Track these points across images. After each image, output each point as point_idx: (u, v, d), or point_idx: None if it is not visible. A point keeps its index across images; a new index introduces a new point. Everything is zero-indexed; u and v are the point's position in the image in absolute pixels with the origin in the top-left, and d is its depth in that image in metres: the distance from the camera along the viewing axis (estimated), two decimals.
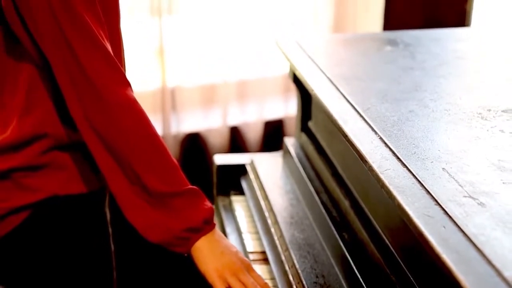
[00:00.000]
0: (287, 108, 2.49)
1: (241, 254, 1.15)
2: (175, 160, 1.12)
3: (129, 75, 2.19)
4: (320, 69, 1.41)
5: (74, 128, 1.11)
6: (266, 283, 1.14)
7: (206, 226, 1.11)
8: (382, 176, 0.98)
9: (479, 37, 1.75)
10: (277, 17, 2.37)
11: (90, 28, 1.04)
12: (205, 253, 1.10)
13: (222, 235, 1.16)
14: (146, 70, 2.31)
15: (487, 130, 1.12)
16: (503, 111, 1.20)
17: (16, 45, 1.09)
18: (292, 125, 2.33)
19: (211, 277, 1.09)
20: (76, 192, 1.17)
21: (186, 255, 1.12)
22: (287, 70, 1.65)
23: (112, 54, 1.08)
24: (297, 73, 1.46)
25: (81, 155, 1.16)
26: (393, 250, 1.06)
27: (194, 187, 1.13)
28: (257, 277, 1.13)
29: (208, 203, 1.13)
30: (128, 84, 1.09)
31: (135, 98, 1.09)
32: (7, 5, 1.04)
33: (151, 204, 1.08)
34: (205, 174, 2.26)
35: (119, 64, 1.09)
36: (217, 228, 1.15)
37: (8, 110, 1.14)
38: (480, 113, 1.19)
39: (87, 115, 1.05)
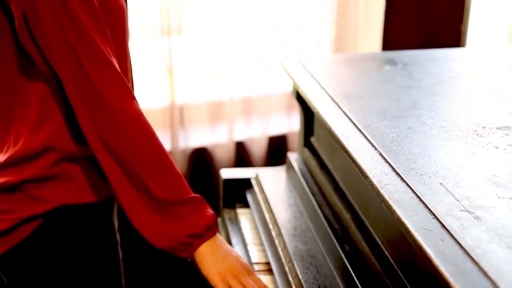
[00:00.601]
0: (290, 124, 2.49)
1: (242, 259, 1.16)
2: (178, 170, 1.13)
3: (140, 92, 2.22)
4: (322, 88, 1.41)
5: (83, 142, 1.11)
6: (265, 286, 1.15)
7: (208, 232, 1.12)
8: (382, 191, 0.98)
9: (474, 57, 1.75)
10: (280, 37, 2.38)
11: (99, 47, 1.06)
12: (208, 257, 1.12)
13: (224, 240, 1.17)
14: (156, 88, 2.31)
15: (482, 147, 1.12)
16: (497, 128, 1.20)
17: (29, 63, 1.10)
18: (296, 141, 2.33)
19: (214, 280, 1.11)
20: (85, 202, 1.18)
21: (189, 259, 1.13)
22: (290, 88, 1.65)
23: (119, 70, 1.09)
24: (300, 91, 1.46)
25: (90, 166, 1.17)
26: (393, 262, 1.06)
27: (196, 195, 1.14)
28: (257, 280, 1.14)
29: (210, 210, 1.15)
30: (134, 98, 1.10)
31: (141, 111, 1.10)
32: (20, 27, 1.05)
33: (157, 212, 1.10)
34: (211, 187, 2.26)
35: (125, 79, 1.10)
36: (219, 234, 1.16)
37: (20, 125, 1.15)
38: (475, 130, 1.19)
39: (97, 128, 1.07)
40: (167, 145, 2.31)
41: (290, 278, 1.21)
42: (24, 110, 1.14)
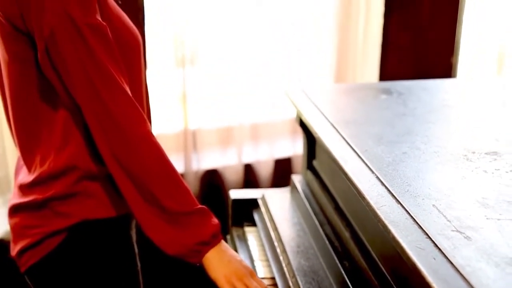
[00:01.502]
0: (294, 147, 2.49)
1: (245, 262, 1.18)
2: (186, 184, 1.15)
3: (156, 118, 2.22)
4: (323, 115, 1.41)
5: (101, 161, 1.12)
6: (266, 286, 1.17)
7: (214, 239, 1.14)
8: (378, 212, 0.97)
9: (464, 88, 1.74)
10: (285, 68, 2.39)
11: (114, 77, 1.07)
12: (215, 262, 1.14)
13: (228, 246, 1.18)
14: (170, 114, 2.32)
15: (472, 171, 1.11)
16: (486, 153, 1.19)
17: (52, 91, 1.11)
18: (300, 163, 2.33)
19: (221, 282, 1.13)
20: (105, 217, 1.19)
21: (198, 264, 1.15)
22: (294, 115, 1.65)
23: (132, 97, 1.10)
24: (303, 119, 1.46)
25: (109, 183, 1.17)
26: (389, 278, 1.05)
27: (203, 206, 1.15)
28: (259, 282, 1.16)
29: (215, 220, 1.16)
30: (145, 121, 1.11)
31: (151, 133, 1.12)
32: (42, 58, 1.06)
33: (168, 222, 1.11)
34: (221, 206, 2.25)
35: (138, 105, 1.11)
36: (223, 241, 1.17)
37: (46, 147, 1.16)
38: (465, 155, 1.18)
39: (112, 149, 1.08)
40: (181, 167, 2.31)
41: None
42: (49, 134, 1.15)
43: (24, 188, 1.19)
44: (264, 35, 2.33)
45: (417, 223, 0.92)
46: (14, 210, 1.21)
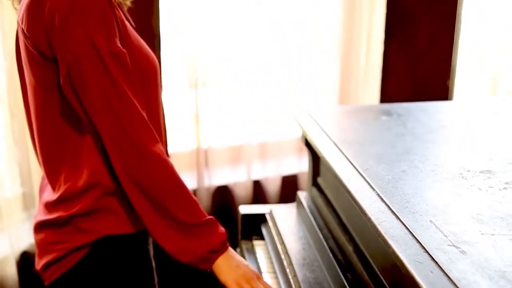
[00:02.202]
0: (300, 165, 2.49)
1: (251, 267, 1.19)
2: (194, 197, 1.16)
3: (171, 137, 2.24)
4: (327, 135, 1.41)
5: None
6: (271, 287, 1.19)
7: (223, 247, 1.16)
8: (379, 227, 0.97)
9: (460, 109, 1.74)
10: (292, 90, 2.39)
11: (131, 101, 1.08)
12: (224, 267, 1.15)
13: (234, 252, 1.20)
14: (184, 133, 2.32)
15: (467, 188, 1.11)
16: (480, 172, 1.19)
17: (74, 115, 1.12)
18: (305, 180, 2.33)
19: (231, 285, 1.15)
20: (125, 232, 1.19)
21: (208, 270, 1.16)
22: (300, 134, 1.66)
23: (147, 119, 1.11)
24: (308, 138, 1.47)
25: (128, 201, 1.18)
26: None
27: (211, 217, 1.16)
28: (265, 284, 1.18)
29: (222, 229, 1.18)
30: (158, 141, 1.12)
31: (163, 151, 1.13)
32: (64, 81, 1.07)
33: (181, 233, 1.12)
34: (232, 221, 2.25)
35: (151, 126, 1.12)
36: (230, 248, 1.19)
37: (69, 166, 1.17)
38: (461, 173, 1.18)
39: (127, 168, 1.09)
40: (193, 183, 2.31)
41: None
42: (72, 154, 1.16)
43: (49, 206, 1.20)
44: (272, 60, 2.34)
45: (415, 238, 0.92)
46: (40, 227, 1.22)
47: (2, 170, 1.87)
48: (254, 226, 1.64)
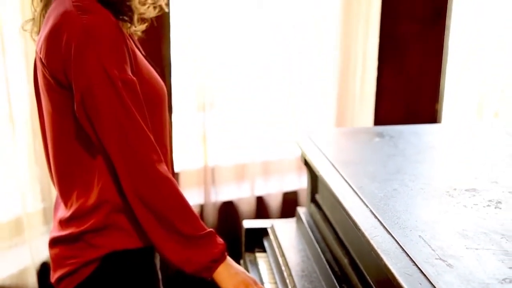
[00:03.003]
0: (300, 182, 2.48)
1: (248, 273, 1.19)
2: (195, 211, 1.15)
3: (179, 156, 2.24)
4: (325, 155, 1.42)
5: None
6: None
7: (223, 256, 1.16)
8: (372, 242, 0.98)
9: (447, 132, 1.75)
10: (293, 113, 2.40)
11: (141, 124, 1.08)
12: (224, 275, 1.16)
13: (232, 260, 1.19)
14: (193, 153, 2.33)
15: (454, 205, 1.12)
16: (465, 190, 1.20)
17: (87, 138, 1.12)
18: (305, 196, 2.32)
19: None
20: (133, 247, 1.18)
21: (210, 278, 1.16)
22: (299, 153, 1.66)
23: (154, 139, 1.11)
24: (307, 159, 1.47)
25: (135, 218, 1.17)
26: None
27: (211, 229, 1.16)
28: None
29: (220, 240, 1.18)
30: (162, 161, 1.12)
31: (167, 170, 1.13)
32: (78, 108, 1.07)
33: (184, 246, 1.12)
34: (236, 234, 2.24)
35: (157, 147, 1.11)
36: (228, 257, 1.19)
37: (80, 185, 1.16)
38: (448, 192, 1.19)
39: (135, 187, 1.08)
40: (201, 199, 2.31)
41: None
42: (84, 174, 1.16)
43: (62, 223, 1.19)
44: (275, 86, 2.35)
45: (405, 252, 0.93)
46: (54, 243, 1.21)
47: (25, 186, 1.88)
48: (257, 240, 1.64)
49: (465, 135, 1.67)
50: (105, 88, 1.04)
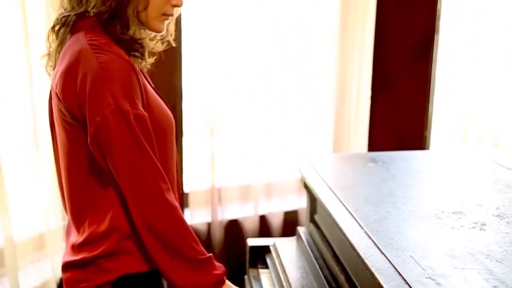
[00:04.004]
0: (300, 202, 2.47)
1: None
2: (196, 237, 1.13)
3: (188, 177, 2.23)
4: (323, 179, 1.42)
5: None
6: None
7: (223, 277, 1.14)
8: (366, 261, 0.98)
9: (435, 158, 1.75)
10: (294, 139, 2.41)
11: (151, 156, 1.06)
12: None
13: (229, 282, 1.17)
14: (201, 174, 2.32)
15: (442, 227, 1.12)
16: (452, 213, 1.20)
17: (99, 169, 1.10)
18: (305, 215, 2.31)
19: None
20: (141, 271, 1.15)
21: None
22: (300, 175, 1.65)
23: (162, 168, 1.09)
24: (307, 182, 1.47)
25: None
26: None
27: (210, 254, 1.14)
28: None
29: (218, 263, 1.15)
30: (169, 189, 1.10)
31: (174, 198, 1.10)
32: (92, 140, 1.05)
33: (190, 269, 1.09)
34: (241, 251, 2.23)
35: (166, 176, 1.09)
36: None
37: (93, 213, 1.14)
38: (436, 214, 1.19)
39: (144, 216, 1.06)
40: (208, 217, 2.31)
41: None
42: (95, 202, 1.13)
43: (74, 248, 1.16)
44: (277, 114, 2.36)
45: (397, 271, 0.93)
46: (67, 267, 1.18)
47: (47, 205, 1.89)
48: (260, 256, 1.63)
49: (452, 161, 1.67)
50: (118, 122, 1.03)
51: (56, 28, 1.14)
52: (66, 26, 1.12)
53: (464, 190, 1.37)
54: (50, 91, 1.16)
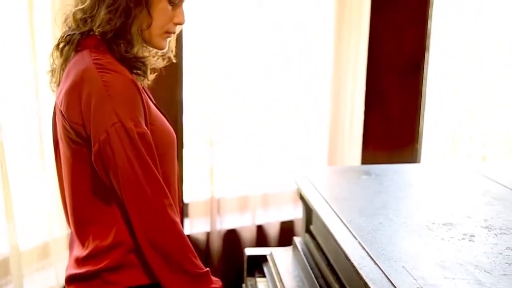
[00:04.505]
0: (296, 212, 2.47)
1: None
2: (194, 251, 1.12)
3: (189, 188, 2.23)
4: (318, 191, 1.42)
5: None
6: None
7: None
8: (360, 271, 0.98)
9: (426, 171, 1.74)
10: (291, 153, 2.41)
11: (154, 172, 1.05)
12: None
13: None
14: (200, 185, 2.32)
15: (432, 238, 1.11)
16: (443, 224, 1.20)
17: (103, 185, 1.09)
18: (300, 225, 2.31)
19: None
20: (144, 283, 1.13)
21: None
22: (296, 187, 1.64)
23: (164, 182, 1.08)
24: (303, 194, 1.47)
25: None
26: None
27: (207, 268, 1.13)
28: None
29: (214, 277, 1.14)
30: (171, 205, 1.08)
31: (175, 213, 1.09)
32: (96, 158, 1.04)
33: (191, 283, 1.09)
34: (239, 260, 2.23)
35: (168, 191, 1.08)
36: None
37: (97, 227, 1.13)
38: (427, 226, 1.18)
39: (147, 231, 1.05)
40: (207, 227, 2.30)
41: None
42: (98, 216, 1.12)
43: (79, 261, 1.15)
44: (274, 128, 2.37)
45: (390, 281, 0.92)
46: (71, 280, 1.16)
47: (51, 215, 1.88)
48: (257, 265, 1.62)
49: (442, 174, 1.67)
50: (123, 140, 1.02)
51: (61, 46, 1.14)
52: (71, 44, 1.12)
53: (453, 202, 1.37)
54: (54, 108, 1.16)
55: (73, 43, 1.11)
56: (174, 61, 1.26)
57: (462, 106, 2.58)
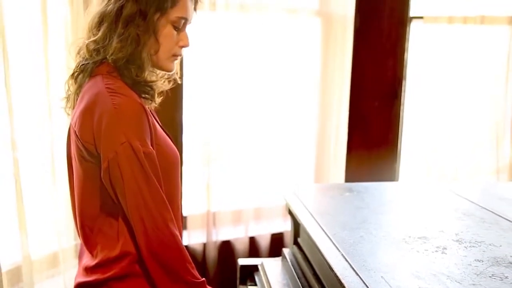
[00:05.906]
0: (286, 225, 2.46)
1: None
2: (192, 262, 1.10)
3: (188, 204, 2.23)
4: (305, 207, 1.42)
5: None
6: None
7: None
8: (343, 281, 0.97)
9: (404, 189, 1.74)
10: (280, 171, 2.42)
11: (159, 190, 1.05)
12: None
13: None
14: (198, 200, 2.31)
15: (409, 251, 1.11)
16: (418, 238, 1.19)
17: (111, 200, 1.08)
18: (289, 237, 2.30)
19: None
20: None
21: None
22: (285, 202, 1.64)
23: (167, 200, 1.06)
24: (291, 209, 1.47)
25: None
26: None
27: (203, 278, 1.11)
28: None
29: (209, 287, 1.12)
30: (173, 220, 1.07)
31: (175, 228, 1.08)
32: (104, 175, 1.04)
33: None
34: (232, 269, 2.21)
35: (170, 208, 1.07)
36: None
37: (106, 239, 1.12)
38: (404, 239, 1.18)
39: (149, 243, 1.03)
40: (204, 238, 2.29)
41: None
42: (107, 228, 1.11)
43: (88, 270, 1.13)
44: (265, 149, 2.39)
45: None
46: (80, 287, 1.14)
47: (61, 226, 1.87)
48: (249, 275, 1.61)
49: (418, 191, 1.68)
50: (130, 159, 1.01)
51: (75, 75, 1.15)
52: (85, 72, 1.13)
53: (428, 218, 1.37)
54: (69, 129, 1.16)
55: (87, 71, 1.12)
56: (179, 82, 1.25)
57: (436, 131, 2.60)
